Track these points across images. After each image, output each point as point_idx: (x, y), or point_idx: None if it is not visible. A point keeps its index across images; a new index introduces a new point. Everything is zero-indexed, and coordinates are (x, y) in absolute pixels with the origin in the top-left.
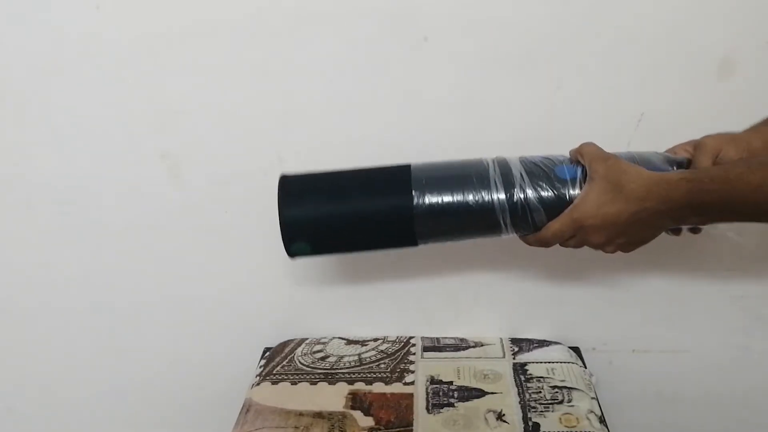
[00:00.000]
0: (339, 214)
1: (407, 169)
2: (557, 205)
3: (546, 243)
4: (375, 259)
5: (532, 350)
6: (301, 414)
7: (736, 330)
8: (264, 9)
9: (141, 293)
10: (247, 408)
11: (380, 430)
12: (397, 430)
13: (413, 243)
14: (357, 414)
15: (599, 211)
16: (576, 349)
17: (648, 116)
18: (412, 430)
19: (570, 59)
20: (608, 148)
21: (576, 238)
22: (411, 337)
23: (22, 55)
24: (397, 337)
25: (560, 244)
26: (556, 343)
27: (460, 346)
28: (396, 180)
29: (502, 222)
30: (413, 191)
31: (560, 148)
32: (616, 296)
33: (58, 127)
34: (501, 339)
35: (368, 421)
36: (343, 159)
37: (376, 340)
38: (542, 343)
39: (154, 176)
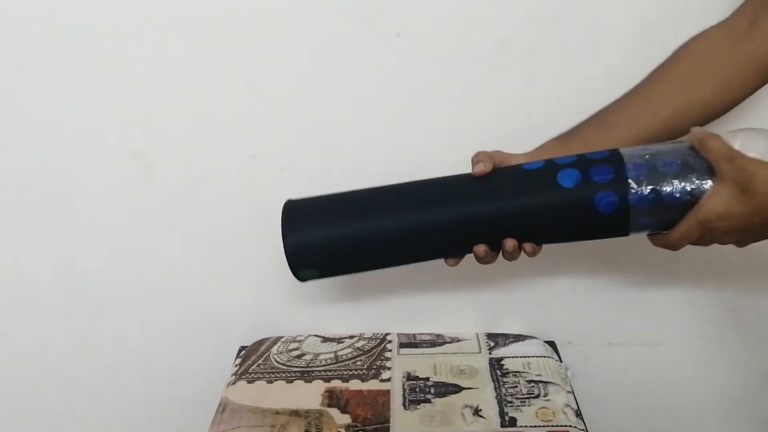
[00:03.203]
0: None
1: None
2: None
3: (673, 246)
4: None
5: (508, 345)
6: (277, 412)
7: (709, 323)
8: (235, 6)
9: (114, 293)
10: (223, 407)
11: (357, 427)
12: (374, 427)
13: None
14: (334, 412)
15: (728, 212)
16: (552, 343)
17: None
18: (389, 426)
19: (542, 55)
20: None
21: (704, 238)
22: (387, 334)
23: None
24: (373, 334)
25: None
26: (531, 337)
27: (436, 341)
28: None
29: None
30: None
31: (534, 143)
32: (591, 290)
33: (28, 126)
34: (477, 334)
35: (345, 419)
36: (316, 156)
37: (352, 337)
38: (518, 338)
39: (127, 175)
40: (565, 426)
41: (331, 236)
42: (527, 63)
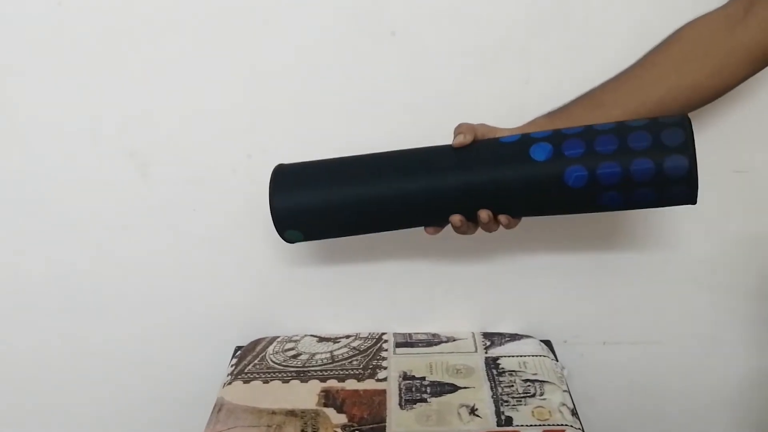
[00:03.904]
0: None
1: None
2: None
3: None
4: (346, 256)
5: (504, 344)
6: (273, 412)
7: (705, 322)
8: (230, 5)
9: (110, 293)
10: (219, 407)
11: (353, 427)
12: (371, 426)
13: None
14: (330, 411)
15: None
16: (547, 342)
17: None
18: (385, 426)
19: (538, 53)
20: None
21: None
22: (383, 333)
23: None
24: (370, 334)
25: None
26: (527, 336)
27: (432, 341)
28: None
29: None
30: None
31: None
32: (586, 289)
33: (22, 127)
34: (473, 333)
35: (341, 419)
36: (311, 155)
37: (348, 336)
38: (514, 337)
39: (123, 175)
40: (561, 425)
41: (314, 200)
42: (522, 62)
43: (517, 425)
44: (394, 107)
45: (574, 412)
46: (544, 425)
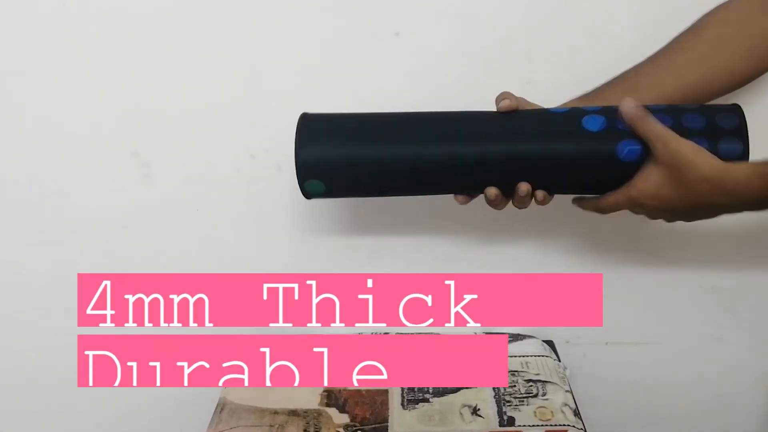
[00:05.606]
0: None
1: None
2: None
3: (602, 211)
4: (348, 256)
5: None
6: (276, 412)
7: (707, 322)
8: (234, 5)
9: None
10: (222, 407)
11: (356, 427)
12: (373, 426)
13: None
14: (332, 411)
15: (658, 193)
16: (550, 343)
17: None
18: (387, 426)
19: (540, 53)
20: None
21: (634, 210)
22: (386, 333)
23: None
24: (372, 333)
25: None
26: (530, 336)
27: None
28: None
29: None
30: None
31: None
32: None
33: (23, 126)
34: (475, 333)
35: (343, 418)
36: None
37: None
38: (516, 337)
39: (125, 175)
40: (564, 425)
41: (345, 151)
42: (524, 62)
43: (520, 425)
44: (397, 107)
45: (577, 413)
46: (546, 425)
